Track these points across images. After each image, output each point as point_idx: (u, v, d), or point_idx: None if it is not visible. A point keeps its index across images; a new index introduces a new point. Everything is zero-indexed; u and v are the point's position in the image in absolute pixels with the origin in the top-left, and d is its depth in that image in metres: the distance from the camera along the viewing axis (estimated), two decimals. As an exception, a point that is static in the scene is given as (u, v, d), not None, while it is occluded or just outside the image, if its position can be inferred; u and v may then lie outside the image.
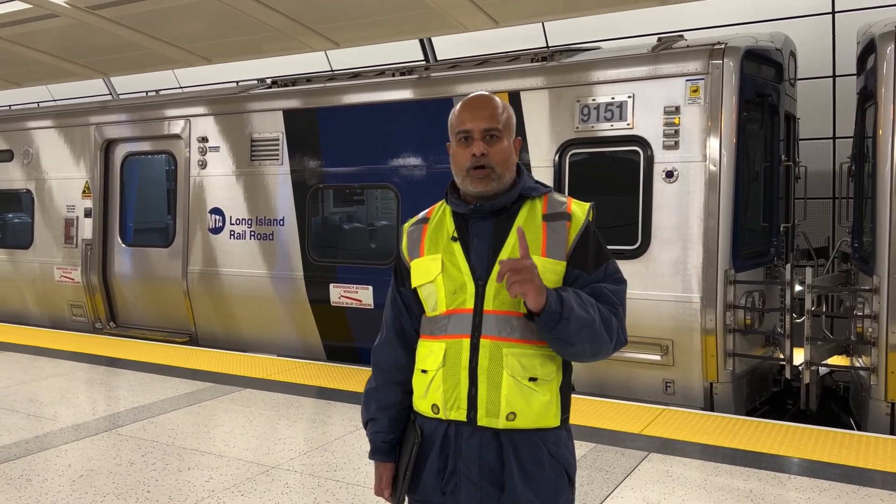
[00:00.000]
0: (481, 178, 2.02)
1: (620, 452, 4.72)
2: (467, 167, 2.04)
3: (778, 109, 6.45)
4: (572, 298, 1.93)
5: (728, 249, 5.76)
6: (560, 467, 2.01)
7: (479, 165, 2.02)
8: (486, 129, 2.03)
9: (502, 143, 2.05)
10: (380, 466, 2.19)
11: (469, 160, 2.03)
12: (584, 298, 1.97)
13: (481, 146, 2.02)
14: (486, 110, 2.05)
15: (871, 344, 5.42)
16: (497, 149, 2.03)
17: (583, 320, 1.92)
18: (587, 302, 1.96)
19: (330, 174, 7.61)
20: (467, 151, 2.04)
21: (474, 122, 2.03)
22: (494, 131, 2.04)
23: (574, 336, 1.92)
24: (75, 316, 9.50)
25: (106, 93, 13.65)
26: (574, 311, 1.90)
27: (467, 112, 2.06)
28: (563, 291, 1.95)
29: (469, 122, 2.04)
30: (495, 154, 2.03)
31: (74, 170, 9.44)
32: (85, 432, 5.19)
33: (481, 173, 2.02)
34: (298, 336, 7.85)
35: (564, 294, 1.93)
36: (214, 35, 8.75)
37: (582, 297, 1.97)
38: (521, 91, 6.56)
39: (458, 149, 2.07)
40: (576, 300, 1.93)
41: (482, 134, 2.03)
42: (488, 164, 2.02)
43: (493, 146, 2.03)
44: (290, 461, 4.63)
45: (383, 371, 2.20)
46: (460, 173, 2.07)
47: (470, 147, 2.04)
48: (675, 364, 5.91)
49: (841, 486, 4.15)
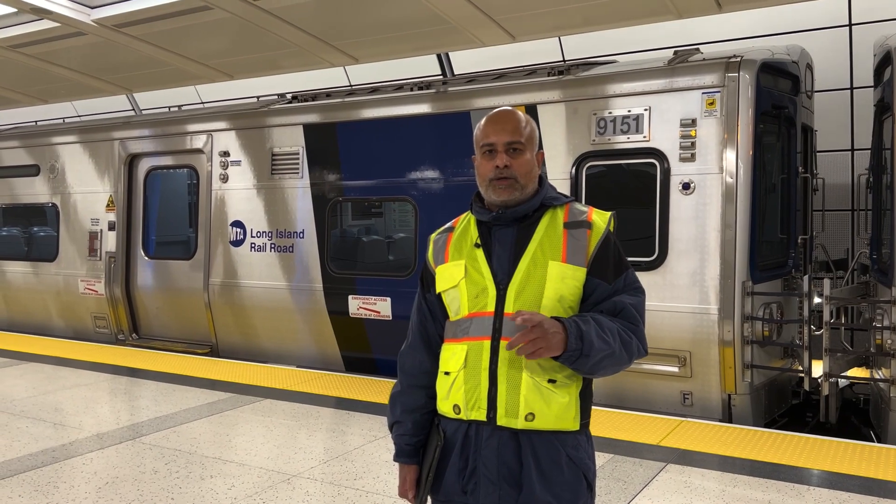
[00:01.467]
0: (504, 187, 2.11)
1: (638, 463, 4.74)
2: (490, 177, 2.12)
3: (795, 121, 6.46)
4: (593, 332, 1.98)
5: (745, 261, 5.77)
6: (579, 471, 2.05)
7: (502, 176, 2.10)
8: (510, 142, 2.12)
9: (525, 155, 2.13)
10: (404, 468, 2.25)
11: (492, 171, 2.12)
12: (605, 326, 2.01)
13: (504, 158, 2.10)
14: (509, 124, 2.13)
15: (890, 356, 5.39)
16: (520, 161, 2.12)
17: (603, 352, 1.98)
18: (607, 330, 2.00)
19: (349, 187, 7.71)
20: (491, 163, 2.13)
21: (498, 135, 2.12)
22: (517, 144, 2.12)
23: (595, 367, 2.00)
24: (99, 327, 9.65)
25: (129, 108, 13.90)
26: (594, 346, 1.97)
27: (491, 126, 2.15)
28: (584, 324, 1.98)
29: (493, 135, 2.13)
30: (518, 166, 2.11)
31: (99, 184, 9.62)
32: (109, 441, 5.28)
33: (504, 183, 2.11)
34: (317, 347, 7.92)
35: (585, 328, 1.97)
36: (236, 51, 8.90)
37: (602, 325, 2.01)
38: (538, 104, 6.63)
39: (483, 161, 2.16)
40: (596, 332, 1.98)
41: (505, 147, 2.12)
42: (511, 174, 2.10)
43: (515, 159, 2.11)
44: (311, 470, 4.69)
45: (408, 375, 2.26)
46: (484, 183, 2.16)
47: (494, 160, 2.12)
48: (693, 376, 5.91)
49: (860, 498, 4.14)
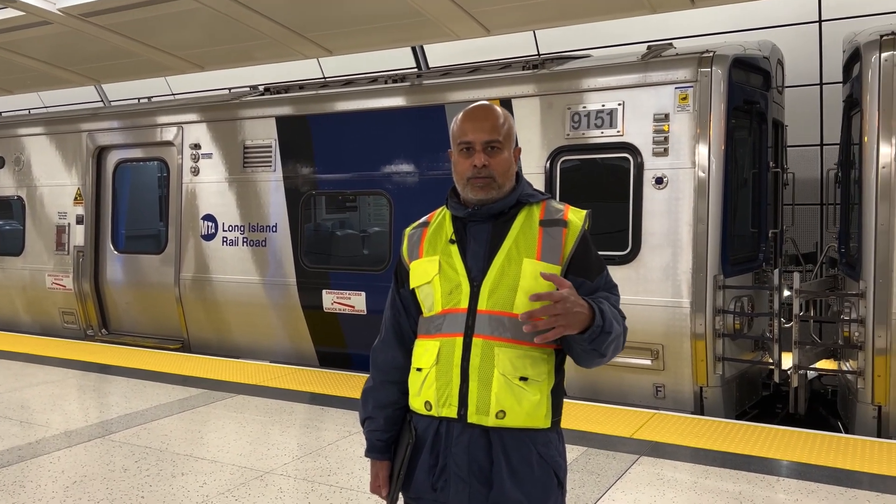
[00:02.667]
0: (482, 186, 2.08)
1: (612, 456, 4.77)
2: (468, 176, 2.09)
3: (766, 116, 6.53)
4: (607, 311, 1.98)
5: (717, 255, 5.83)
6: (549, 469, 2.04)
7: (480, 175, 2.07)
8: (488, 141, 2.08)
9: (503, 154, 2.10)
10: (375, 465, 2.23)
11: (470, 170, 2.09)
12: (612, 309, 2.02)
13: (482, 158, 2.07)
14: (487, 122, 2.10)
15: (857, 348, 5.49)
16: (498, 160, 2.09)
17: (615, 331, 1.99)
18: (614, 314, 2.02)
19: (322, 181, 7.64)
20: (468, 162, 2.10)
21: (476, 133, 2.08)
22: (495, 143, 2.09)
23: (607, 347, 1.99)
24: (67, 323, 9.48)
25: (97, 100, 13.65)
26: (613, 325, 1.98)
27: (469, 123, 2.11)
28: (600, 303, 1.99)
29: (471, 133, 2.09)
30: (496, 165, 2.08)
31: (66, 177, 9.43)
32: (78, 439, 5.19)
33: (481, 182, 2.08)
34: (291, 342, 7.86)
35: (603, 307, 1.98)
36: (207, 42, 8.77)
37: (611, 307, 2.03)
38: (513, 98, 6.62)
39: (460, 158, 2.12)
40: (609, 311, 1.99)
41: (483, 146, 2.08)
42: (489, 174, 2.07)
43: (493, 157, 2.09)
44: (284, 466, 4.65)
45: (381, 371, 2.24)
46: (461, 181, 2.13)
47: (471, 158, 2.09)
48: (666, 368, 5.97)
49: (829, 488, 4.21)
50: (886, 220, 5.31)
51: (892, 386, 5.31)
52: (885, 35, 5.44)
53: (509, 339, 2.01)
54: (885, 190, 5.33)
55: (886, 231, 5.32)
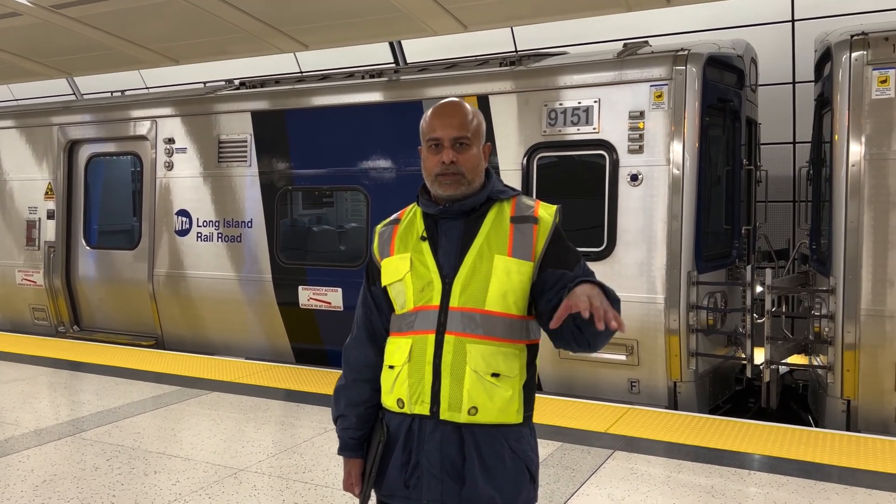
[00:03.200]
0: (450, 183, 2.08)
1: (586, 451, 4.80)
2: (436, 173, 2.09)
3: (739, 114, 6.60)
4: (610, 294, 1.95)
5: (691, 251, 5.88)
6: (521, 463, 2.05)
7: (448, 172, 2.07)
8: (456, 137, 2.08)
9: (471, 150, 2.10)
10: (348, 462, 2.23)
11: (438, 166, 2.09)
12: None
13: (451, 154, 2.07)
14: (455, 118, 2.09)
15: (828, 343, 5.57)
16: (466, 156, 2.09)
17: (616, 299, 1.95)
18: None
19: (299, 176, 7.60)
20: (437, 158, 2.09)
21: (444, 129, 2.08)
22: (464, 139, 2.09)
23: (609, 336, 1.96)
24: (37, 319, 9.33)
25: (69, 93, 13.44)
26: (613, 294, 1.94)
27: (438, 120, 2.10)
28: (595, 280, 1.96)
29: (439, 129, 2.09)
30: (465, 161, 2.08)
31: (37, 171, 9.28)
32: (48, 437, 5.11)
33: (449, 179, 2.08)
34: (267, 339, 7.81)
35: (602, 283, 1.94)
36: (181, 36, 8.67)
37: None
38: (490, 95, 6.63)
39: (429, 154, 2.12)
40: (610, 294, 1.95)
41: (452, 142, 2.08)
42: (457, 170, 2.07)
43: (462, 154, 2.08)
44: (259, 463, 4.62)
45: (353, 369, 2.23)
46: (429, 178, 2.12)
47: (440, 154, 2.09)
48: (640, 364, 6.02)
49: (798, 481, 4.27)
50: (856, 217, 5.40)
51: (860, 381, 5.40)
52: (855, 35, 5.52)
53: (481, 336, 2.02)
54: (855, 188, 5.41)
55: (855, 228, 5.40)
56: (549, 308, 2.03)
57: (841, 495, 4.09)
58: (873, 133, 5.38)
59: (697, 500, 4.04)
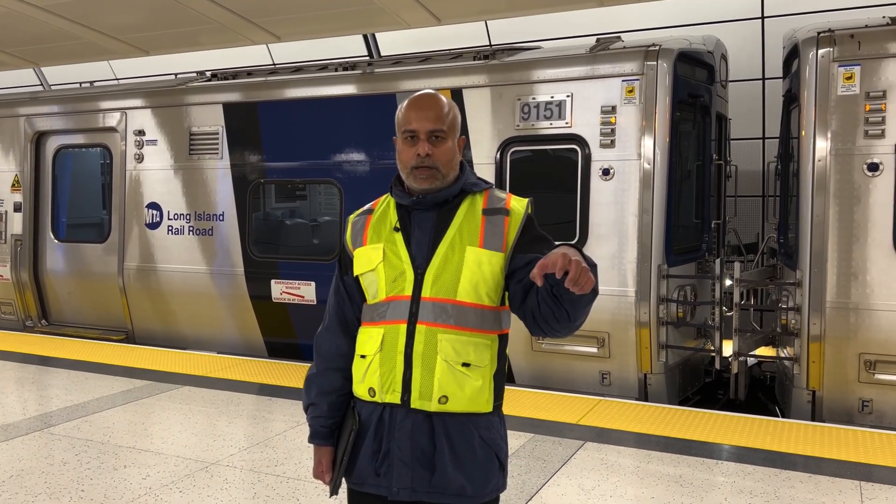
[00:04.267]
0: (425, 177, 2.09)
1: (558, 442, 4.85)
2: (412, 165, 2.10)
3: (710, 110, 6.68)
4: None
5: (661, 245, 5.95)
6: (491, 451, 2.08)
7: (424, 165, 2.08)
8: (432, 130, 2.09)
9: (447, 143, 2.11)
10: (319, 450, 2.23)
11: (414, 159, 2.09)
12: None
13: (426, 147, 2.08)
14: (432, 111, 2.10)
15: (794, 335, 5.68)
16: (442, 149, 2.10)
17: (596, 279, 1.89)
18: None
19: (271, 169, 7.54)
20: (412, 150, 2.10)
21: (420, 122, 2.09)
22: (439, 132, 2.10)
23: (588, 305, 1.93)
24: (4, 314, 9.17)
25: (37, 83, 13.18)
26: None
27: (414, 112, 2.11)
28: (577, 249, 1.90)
29: (415, 122, 2.09)
30: (440, 154, 2.09)
31: (3, 162, 9.11)
32: (15, 432, 5.04)
33: (425, 173, 2.09)
34: (239, 333, 7.76)
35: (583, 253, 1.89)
36: (152, 26, 8.53)
37: None
38: (464, 88, 6.63)
39: (404, 146, 2.12)
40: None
41: (427, 135, 2.09)
42: (433, 164, 2.08)
43: (437, 147, 2.09)
44: (230, 457, 4.60)
45: (324, 358, 2.24)
46: (405, 170, 2.13)
47: (415, 146, 2.09)
48: (612, 356, 6.08)
49: (764, 470, 4.36)
50: (822, 211, 5.50)
51: (825, 372, 5.52)
52: (822, 32, 5.61)
53: (452, 326, 2.04)
54: (821, 183, 5.51)
55: (822, 222, 5.51)
56: (520, 287, 2.04)
57: (805, 483, 4.18)
58: (839, 129, 5.48)
59: (666, 489, 4.11)
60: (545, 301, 1.96)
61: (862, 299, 5.40)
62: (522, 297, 2.04)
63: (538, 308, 1.99)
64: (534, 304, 2.00)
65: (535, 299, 1.99)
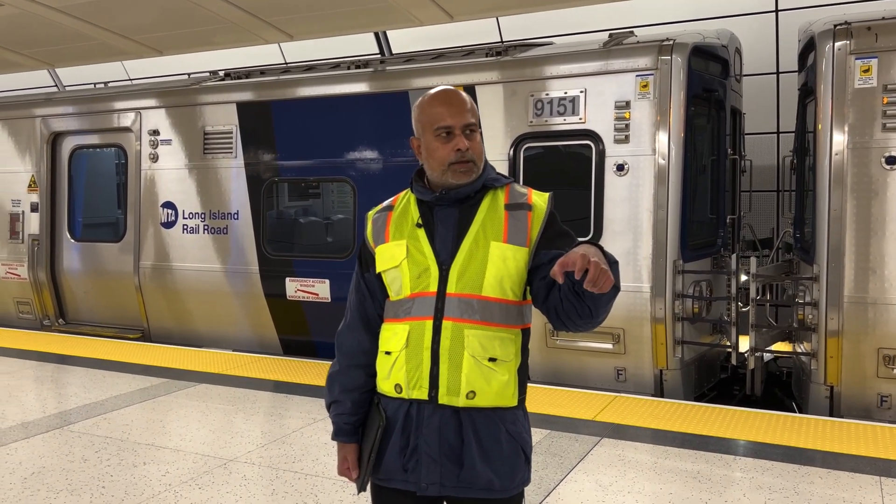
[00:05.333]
0: (465, 171, 2.09)
1: (574, 438, 4.84)
2: (450, 161, 2.09)
3: (724, 104, 6.64)
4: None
5: (676, 240, 5.93)
6: (517, 445, 2.08)
7: (465, 160, 2.08)
8: (467, 124, 2.10)
9: (477, 136, 2.13)
10: (343, 448, 2.24)
11: (453, 155, 2.08)
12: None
13: (465, 141, 2.08)
14: (463, 105, 2.11)
15: (811, 330, 5.65)
16: (475, 142, 2.12)
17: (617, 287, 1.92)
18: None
19: (285, 167, 7.57)
20: (449, 146, 2.09)
21: (455, 118, 2.09)
22: (472, 126, 2.11)
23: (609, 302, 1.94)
24: (22, 313, 9.26)
25: (51, 84, 13.28)
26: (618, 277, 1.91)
27: (446, 108, 2.10)
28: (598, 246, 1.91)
29: (450, 117, 2.09)
30: (475, 147, 2.11)
31: (19, 163, 9.19)
32: (35, 430, 5.09)
33: (465, 167, 2.09)
34: (254, 331, 7.80)
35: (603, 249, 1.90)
36: (165, 26, 8.57)
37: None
38: (477, 85, 6.63)
39: (438, 143, 2.10)
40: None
41: (463, 129, 2.09)
42: (471, 157, 2.09)
43: (472, 140, 2.11)
44: (248, 454, 4.63)
45: (347, 355, 2.24)
46: (440, 167, 2.11)
47: (452, 142, 2.09)
48: (627, 352, 6.07)
49: (783, 466, 4.34)
50: (839, 206, 5.46)
51: (843, 367, 5.48)
52: (838, 25, 5.57)
53: (478, 321, 2.04)
54: (838, 177, 5.47)
55: (839, 217, 5.47)
56: (544, 284, 2.05)
57: (824, 479, 4.15)
58: (856, 122, 5.44)
59: (684, 485, 4.10)
60: (567, 297, 1.97)
61: (880, 294, 5.36)
62: (546, 294, 2.05)
63: (561, 304, 2.00)
64: (556, 300, 2.01)
65: (558, 295, 2.00)
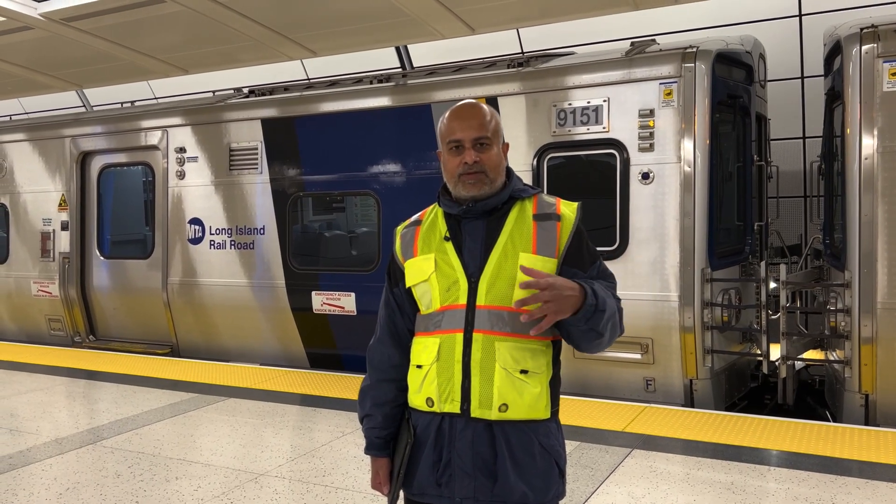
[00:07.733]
0: (473, 182, 2.11)
1: (604, 450, 4.80)
2: (459, 172, 2.11)
3: (749, 110, 6.59)
4: (599, 289, 2.02)
5: (704, 248, 5.88)
6: (551, 458, 2.07)
7: (472, 171, 2.10)
8: (477, 138, 2.11)
9: (492, 150, 2.13)
10: (376, 461, 2.24)
11: (461, 167, 2.11)
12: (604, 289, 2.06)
13: (473, 155, 2.10)
14: (475, 120, 2.12)
15: (844, 337, 5.56)
16: (488, 155, 2.12)
17: (610, 308, 2.02)
18: (606, 292, 2.05)
19: (310, 182, 7.63)
20: (458, 160, 2.12)
21: (464, 132, 2.11)
22: (484, 140, 2.12)
23: (605, 325, 2.01)
24: (53, 330, 9.40)
25: (79, 105, 13.53)
26: (607, 302, 2.00)
27: (457, 122, 2.13)
28: (591, 283, 2.02)
29: (459, 132, 2.12)
30: (487, 160, 2.11)
31: (50, 183, 9.36)
32: (69, 446, 5.15)
33: (473, 178, 2.10)
34: (281, 345, 7.84)
35: (594, 286, 2.01)
36: (190, 45, 8.71)
37: (603, 287, 2.06)
38: (499, 96, 6.65)
39: (450, 157, 2.14)
40: (601, 290, 2.02)
41: (472, 143, 2.11)
42: (480, 168, 2.10)
43: (483, 153, 2.11)
44: (279, 468, 4.64)
45: (377, 369, 2.25)
46: (452, 179, 2.14)
47: (461, 155, 2.11)
48: (656, 362, 6.01)
49: (819, 476, 4.26)
50: (870, 210, 5.38)
51: (878, 374, 5.38)
52: (864, 28, 5.51)
53: (509, 333, 2.04)
54: (868, 181, 5.40)
55: (870, 221, 5.39)
56: None
57: (862, 489, 4.07)
58: (885, 126, 5.37)
59: (718, 496, 4.04)
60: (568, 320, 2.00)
61: (914, 299, 5.26)
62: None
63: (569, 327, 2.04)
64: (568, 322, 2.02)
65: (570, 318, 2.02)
